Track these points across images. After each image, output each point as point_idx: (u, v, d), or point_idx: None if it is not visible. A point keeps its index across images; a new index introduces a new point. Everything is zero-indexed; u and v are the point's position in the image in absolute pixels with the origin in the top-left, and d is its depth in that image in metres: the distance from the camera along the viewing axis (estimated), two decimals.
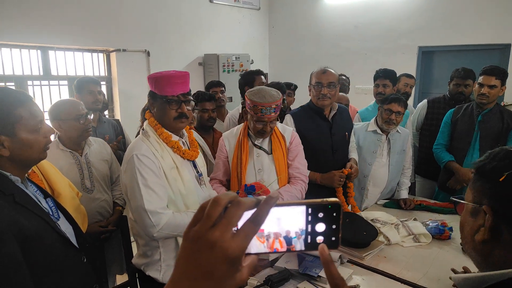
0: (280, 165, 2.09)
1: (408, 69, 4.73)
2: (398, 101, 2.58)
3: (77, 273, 1.35)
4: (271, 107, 1.93)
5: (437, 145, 2.99)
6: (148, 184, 1.58)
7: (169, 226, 1.59)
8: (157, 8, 4.47)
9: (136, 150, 1.62)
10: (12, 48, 3.51)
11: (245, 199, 0.47)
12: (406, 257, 1.95)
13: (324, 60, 5.46)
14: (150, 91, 1.69)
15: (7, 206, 1.14)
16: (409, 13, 4.75)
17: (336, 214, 0.51)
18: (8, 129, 1.19)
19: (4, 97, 1.21)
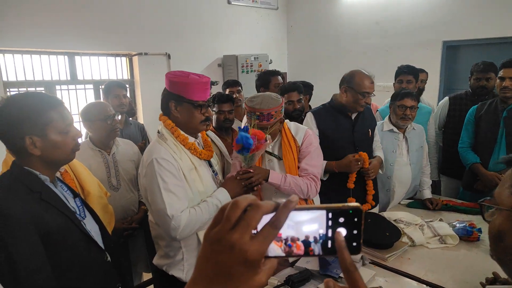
0: (291, 170, 2.04)
1: (432, 64, 4.62)
2: (410, 96, 2.53)
3: (99, 272, 1.39)
4: (255, 113, 1.89)
5: (462, 144, 2.91)
6: (169, 187, 1.59)
7: (188, 226, 1.61)
8: (176, 11, 4.54)
9: (155, 153, 1.62)
10: (41, 55, 3.66)
11: (264, 202, 0.47)
12: (431, 259, 1.90)
13: (344, 58, 5.41)
14: (174, 95, 1.68)
15: (33, 202, 1.22)
16: (432, 6, 4.61)
17: (357, 219, 0.50)
18: (40, 130, 1.26)
19: (37, 100, 1.29)
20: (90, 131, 2.29)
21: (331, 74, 5.41)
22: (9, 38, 3.30)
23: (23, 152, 1.26)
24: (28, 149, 1.24)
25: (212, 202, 1.68)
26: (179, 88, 1.65)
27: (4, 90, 3.39)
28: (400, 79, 3.17)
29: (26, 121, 1.23)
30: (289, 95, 2.67)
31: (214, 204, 1.68)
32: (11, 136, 1.24)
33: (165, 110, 1.73)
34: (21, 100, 1.27)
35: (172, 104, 1.68)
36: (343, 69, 4.75)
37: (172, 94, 1.67)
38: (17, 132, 1.23)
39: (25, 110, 1.24)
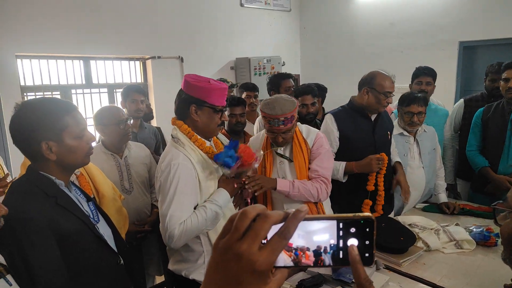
0: (302, 172, 2.05)
1: (448, 65, 4.54)
2: (417, 101, 2.46)
3: (112, 275, 1.41)
4: (279, 120, 1.89)
5: (470, 147, 2.85)
6: (178, 197, 1.59)
7: (182, 237, 1.59)
8: (189, 15, 4.58)
9: (174, 159, 1.62)
10: (57, 60, 3.73)
11: (273, 213, 0.47)
12: (447, 265, 1.86)
13: (358, 60, 5.36)
14: (195, 99, 1.66)
15: (49, 207, 1.24)
16: (448, 6, 4.53)
17: (369, 230, 0.49)
18: (56, 135, 1.27)
19: (53, 106, 1.30)
20: (103, 135, 2.32)
21: (345, 76, 5.40)
22: (26, 43, 3.38)
23: (38, 156, 1.28)
24: (44, 154, 1.26)
25: (211, 208, 1.65)
26: (201, 93, 1.65)
27: (22, 94, 3.47)
28: (419, 81, 3.06)
29: (42, 127, 1.25)
30: (303, 98, 2.65)
31: (213, 211, 1.65)
32: (27, 141, 1.26)
33: (183, 113, 1.72)
34: (37, 106, 1.28)
35: (193, 108, 1.67)
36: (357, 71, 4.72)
37: (193, 98, 1.67)
38: (34, 137, 1.25)
39: (41, 116, 1.25)
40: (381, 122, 2.40)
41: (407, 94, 2.56)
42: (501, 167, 2.63)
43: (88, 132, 1.38)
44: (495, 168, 2.66)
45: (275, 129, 1.94)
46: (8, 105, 3.26)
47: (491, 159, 2.70)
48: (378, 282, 1.72)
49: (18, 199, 1.22)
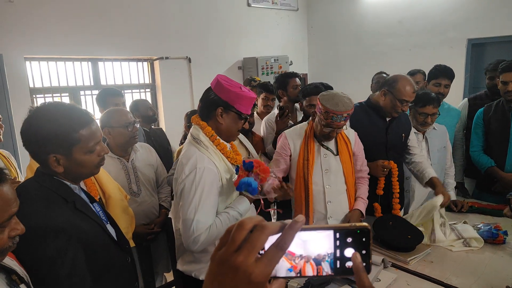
0: (347, 167, 2.11)
1: (457, 63, 4.49)
2: (432, 103, 2.41)
3: (123, 273, 1.43)
4: (343, 116, 1.92)
5: (474, 148, 2.82)
6: (204, 202, 1.58)
7: (206, 242, 1.60)
8: (196, 15, 4.60)
9: (199, 162, 1.60)
10: (66, 61, 3.78)
11: (270, 224, 0.47)
12: (455, 262, 1.84)
13: (366, 59, 5.34)
14: (224, 102, 1.64)
15: (71, 213, 1.23)
16: (456, 4, 4.49)
17: (365, 239, 0.50)
18: (66, 150, 1.24)
19: (67, 117, 1.25)
20: (109, 138, 2.28)
21: (353, 75, 5.39)
22: (35, 46, 3.43)
23: (47, 165, 1.26)
24: (51, 166, 1.23)
25: (233, 215, 1.66)
26: (232, 97, 1.63)
27: (31, 96, 3.53)
28: (438, 82, 2.91)
29: (53, 141, 1.21)
30: (310, 99, 2.65)
31: (234, 217, 1.65)
32: (36, 150, 1.24)
33: (207, 113, 1.69)
34: (50, 116, 1.23)
35: (219, 110, 1.65)
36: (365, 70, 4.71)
37: (222, 100, 1.64)
38: (42, 148, 1.22)
39: (53, 128, 1.21)
40: (397, 123, 2.38)
41: (422, 94, 2.48)
42: (508, 165, 2.60)
43: (101, 144, 1.35)
44: (501, 166, 2.63)
45: (335, 125, 1.96)
46: (18, 107, 3.30)
47: (496, 158, 2.68)
48: (385, 280, 1.71)
49: (42, 207, 1.19)
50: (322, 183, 2.09)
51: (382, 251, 1.97)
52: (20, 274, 0.99)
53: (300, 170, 2.10)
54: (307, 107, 2.65)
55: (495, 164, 2.67)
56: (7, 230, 0.90)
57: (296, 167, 2.12)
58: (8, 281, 0.94)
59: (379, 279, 1.72)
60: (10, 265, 0.98)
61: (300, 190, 2.10)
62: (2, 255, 0.92)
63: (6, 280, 0.94)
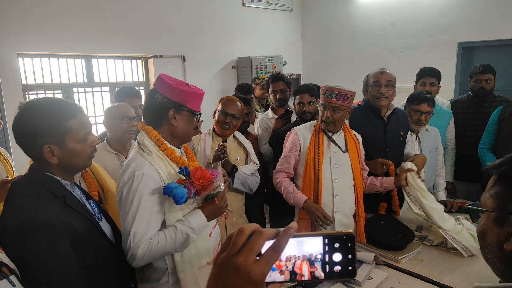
0: (356, 163, 2.17)
1: (448, 66, 4.57)
2: (427, 101, 2.49)
3: (117, 271, 1.42)
4: (334, 92, 2.06)
5: (482, 145, 2.88)
6: (143, 211, 1.43)
7: (145, 257, 1.43)
8: (191, 14, 4.60)
9: (139, 168, 1.46)
10: (59, 58, 3.76)
11: (266, 230, 0.53)
12: (444, 261, 1.89)
13: (359, 60, 5.39)
14: (175, 102, 1.53)
15: (60, 208, 1.23)
16: (448, 7, 4.56)
17: (351, 244, 0.55)
18: (59, 139, 1.24)
19: (57, 108, 1.26)
20: (108, 130, 2.32)
21: (346, 76, 5.43)
22: (28, 42, 3.40)
23: (41, 158, 1.26)
24: (46, 157, 1.24)
25: (183, 229, 1.47)
26: (183, 96, 1.53)
27: (23, 93, 3.50)
28: (423, 82, 3.09)
29: (45, 131, 1.22)
30: (300, 97, 2.68)
31: (183, 232, 1.47)
32: (29, 143, 1.24)
33: (157, 118, 1.54)
34: (41, 108, 1.25)
35: (171, 112, 1.53)
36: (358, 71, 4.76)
37: (172, 102, 1.52)
38: (36, 140, 1.22)
39: (44, 119, 1.22)
40: (395, 122, 2.43)
41: (418, 93, 2.59)
42: None
43: (92, 135, 1.36)
44: None
45: (327, 101, 2.07)
46: (10, 103, 3.28)
47: (499, 157, 2.71)
48: (377, 278, 1.75)
49: (31, 202, 1.19)
50: (330, 177, 2.13)
51: (374, 250, 2.01)
52: (10, 266, 0.99)
53: (310, 163, 2.14)
54: (297, 105, 2.69)
55: None
56: None
57: (306, 161, 2.16)
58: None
59: (371, 277, 1.76)
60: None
61: (310, 183, 2.14)
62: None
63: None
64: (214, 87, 4.83)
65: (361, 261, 1.83)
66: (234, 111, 2.33)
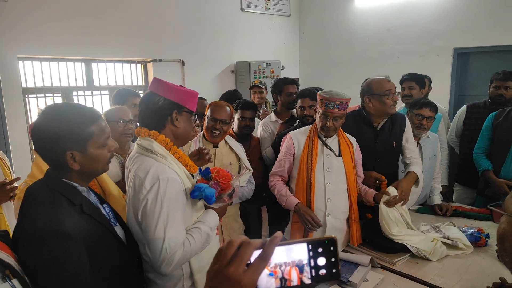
0: (349, 168, 2.17)
1: (443, 71, 4.64)
2: (429, 106, 2.53)
3: (131, 274, 1.43)
4: (336, 103, 2.05)
5: (477, 150, 2.91)
6: (174, 216, 1.41)
7: (180, 262, 1.43)
8: (191, 19, 4.65)
9: (161, 173, 1.42)
10: (59, 62, 3.78)
11: (254, 240, 0.58)
12: (439, 264, 1.92)
13: (356, 64, 5.44)
14: (175, 103, 1.52)
15: (77, 216, 1.22)
16: (444, 14, 4.63)
17: (333, 248, 0.59)
18: (81, 146, 1.24)
19: (78, 114, 1.27)
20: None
21: (343, 80, 5.48)
22: (29, 46, 3.43)
23: (61, 164, 1.24)
24: (68, 163, 1.23)
25: (205, 230, 1.50)
26: (182, 97, 1.52)
27: (23, 96, 3.51)
28: (403, 87, 3.21)
29: (68, 137, 1.22)
30: (302, 101, 2.72)
31: (205, 232, 1.50)
32: (51, 149, 1.23)
33: (161, 122, 1.52)
34: (63, 114, 1.25)
35: (174, 114, 1.52)
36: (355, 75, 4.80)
37: (174, 103, 1.51)
38: (58, 146, 1.21)
39: (67, 126, 1.22)
40: (388, 132, 2.38)
41: (420, 99, 2.67)
42: (503, 171, 2.67)
43: (111, 140, 1.36)
44: (497, 172, 2.70)
45: (329, 112, 2.07)
46: (10, 106, 3.30)
47: (496, 163, 2.74)
48: (373, 281, 1.78)
49: (47, 210, 1.17)
50: (323, 181, 2.14)
51: (370, 252, 2.04)
52: (16, 268, 1.00)
53: (303, 166, 2.15)
54: (299, 109, 2.74)
55: (492, 168, 2.74)
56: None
57: (299, 164, 2.17)
58: (2, 275, 0.95)
59: (367, 279, 1.79)
60: (4, 259, 0.99)
61: (303, 186, 2.16)
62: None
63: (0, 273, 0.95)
64: (212, 91, 4.86)
65: (357, 264, 1.86)
66: (223, 116, 2.30)
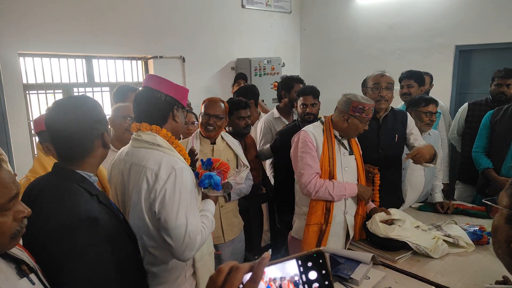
0: (360, 165, 2.21)
1: (444, 69, 4.62)
2: (434, 102, 2.58)
3: (136, 267, 1.45)
4: (371, 108, 2.08)
5: (476, 149, 2.91)
6: (192, 203, 1.48)
7: (200, 245, 1.49)
8: (191, 15, 4.63)
9: (175, 163, 1.46)
10: (60, 58, 3.77)
11: (243, 264, 0.59)
12: (441, 261, 1.92)
13: (357, 62, 5.43)
14: (176, 100, 1.58)
15: (97, 205, 1.25)
16: (445, 11, 4.61)
17: (322, 261, 0.59)
18: (106, 126, 1.35)
19: (91, 98, 1.38)
20: (112, 128, 2.33)
21: (344, 77, 5.47)
22: (29, 42, 3.42)
23: (85, 153, 1.28)
24: (106, 141, 1.32)
25: (210, 217, 1.60)
26: (181, 93, 1.60)
27: (24, 92, 3.51)
28: (401, 85, 3.20)
29: (100, 120, 1.31)
30: (304, 98, 2.73)
31: (211, 219, 1.61)
32: (85, 137, 1.27)
33: (164, 116, 1.56)
34: (85, 103, 1.32)
35: (175, 109, 1.58)
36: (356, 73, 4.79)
37: (174, 99, 1.57)
38: (94, 132, 1.29)
39: (97, 110, 1.32)
40: (390, 125, 2.42)
41: (420, 96, 2.69)
42: (504, 169, 2.68)
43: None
44: (498, 170, 2.70)
45: (367, 118, 2.09)
46: (11, 102, 3.29)
47: (495, 161, 2.75)
48: (374, 278, 1.78)
49: (74, 199, 1.20)
50: (342, 180, 2.15)
51: (371, 250, 2.04)
52: (30, 264, 1.01)
53: (325, 166, 2.12)
54: (301, 106, 2.73)
55: (493, 167, 2.75)
56: (11, 213, 0.92)
57: (321, 165, 2.12)
58: (18, 271, 0.96)
59: (368, 277, 1.79)
60: (19, 255, 1.00)
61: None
62: (14, 240, 0.94)
63: (16, 269, 0.96)
64: (213, 88, 4.86)
65: (358, 261, 1.86)
66: (216, 111, 2.32)
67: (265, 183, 3.11)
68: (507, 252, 0.84)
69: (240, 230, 2.49)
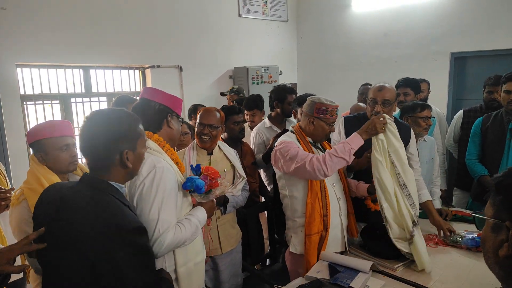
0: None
1: (440, 76, 4.66)
2: (428, 107, 2.59)
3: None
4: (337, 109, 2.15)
5: (469, 156, 2.92)
6: (167, 200, 1.54)
7: (171, 245, 1.52)
8: (188, 25, 4.66)
9: (157, 163, 1.55)
10: (57, 69, 3.78)
11: None
12: (440, 269, 1.92)
13: (354, 69, 5.47)
14: (170, 109, 1.71)
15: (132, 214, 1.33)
16: (440, 18, 4.66)
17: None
18: (133, 144, 1.33)
19: (128, 116, 1.35)
20: None
21: (341, 85, 5.51)
22: (27, 53, 3.43)
23: (111, 166, 1.30)
24: (125, 162, 1.30)
25: (194, 222, 1.63)
26: (174, 102, 1.72)
27: (21, 103, 3.51)
28: (398, 92, 3.10)
29: (124, 137, 1.30)
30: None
31: (195, 224, 1.63)
32: (108, 150, 1.28)
33: (157, 124, 1.68)
34: (114, 117, 1.32)
35: (169, 117, 1.70)
36: (352, 80, 4.81)
37: (168, 108, 1.70)
38: (116, 146, 1.28)
39: (122, 126, 1.30)
40: None
41: (414, 102, 2.69)
42: None
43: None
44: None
45: (331, 120, 2.14)
46: (8, 113, 3.29)
47: (490, 168, 2.76)
48: (374, 287, 1.77)
49: (115, 209, 1.25)
50: (330, 182, 2.14)
51: (370, 258, 2.04)
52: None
53: None
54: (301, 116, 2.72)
55: (488, 173, 2.75)
56: None
57: None
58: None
59: (368, 286, 1.79)
60: None
61: (317, 190, 2.08)
62: None
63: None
64: (210, 96, 4.87)
65: (357, 270, 1.85)
66: (211, 121, 2.31)
67: (263, 192, 3.11)
68: (495, 261, 0.85)
69: (238, 241, 2.47)
